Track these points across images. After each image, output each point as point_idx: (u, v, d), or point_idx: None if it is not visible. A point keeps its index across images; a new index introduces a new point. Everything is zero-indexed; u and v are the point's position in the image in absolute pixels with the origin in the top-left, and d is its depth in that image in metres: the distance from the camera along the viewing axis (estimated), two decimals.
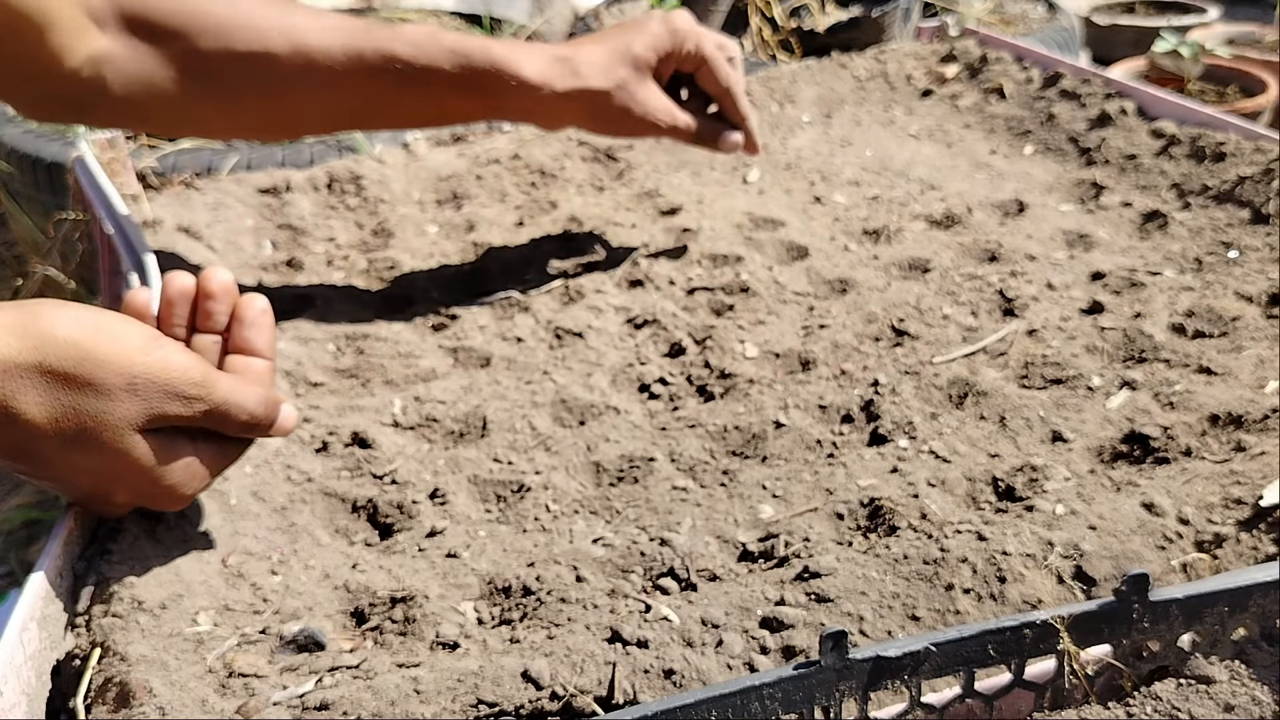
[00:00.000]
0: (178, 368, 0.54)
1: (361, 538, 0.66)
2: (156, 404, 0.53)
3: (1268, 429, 0.64)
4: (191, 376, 0.54)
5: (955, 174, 1.07)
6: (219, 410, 0.56)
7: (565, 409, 0.75)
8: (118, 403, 0.52)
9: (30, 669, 0.51)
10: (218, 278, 0.62)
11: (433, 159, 1.16)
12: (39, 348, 0.50)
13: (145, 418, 0.53)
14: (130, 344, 0.53)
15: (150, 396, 0.53)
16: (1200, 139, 1.00)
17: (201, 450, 0.57)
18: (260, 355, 0.62)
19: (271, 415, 0.59)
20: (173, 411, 0.54)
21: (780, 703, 0.41)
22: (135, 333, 0.54)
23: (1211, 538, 0.56)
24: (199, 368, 0.55)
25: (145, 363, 0.53)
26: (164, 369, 0.53)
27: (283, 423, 0.60)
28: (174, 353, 0.55)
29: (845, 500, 0.62)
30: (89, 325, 0.52)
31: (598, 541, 0.62)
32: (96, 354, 0.52)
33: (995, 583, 0.54)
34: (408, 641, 0.56)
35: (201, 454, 0.57)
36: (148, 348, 0.54)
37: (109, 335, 0.53)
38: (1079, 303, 0.82)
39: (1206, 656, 0.46)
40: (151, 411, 0.53)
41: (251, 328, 0.62)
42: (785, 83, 1.27)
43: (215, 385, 0.56)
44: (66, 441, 0.52)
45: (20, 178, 1.67)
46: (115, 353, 0.52)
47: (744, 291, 0.87)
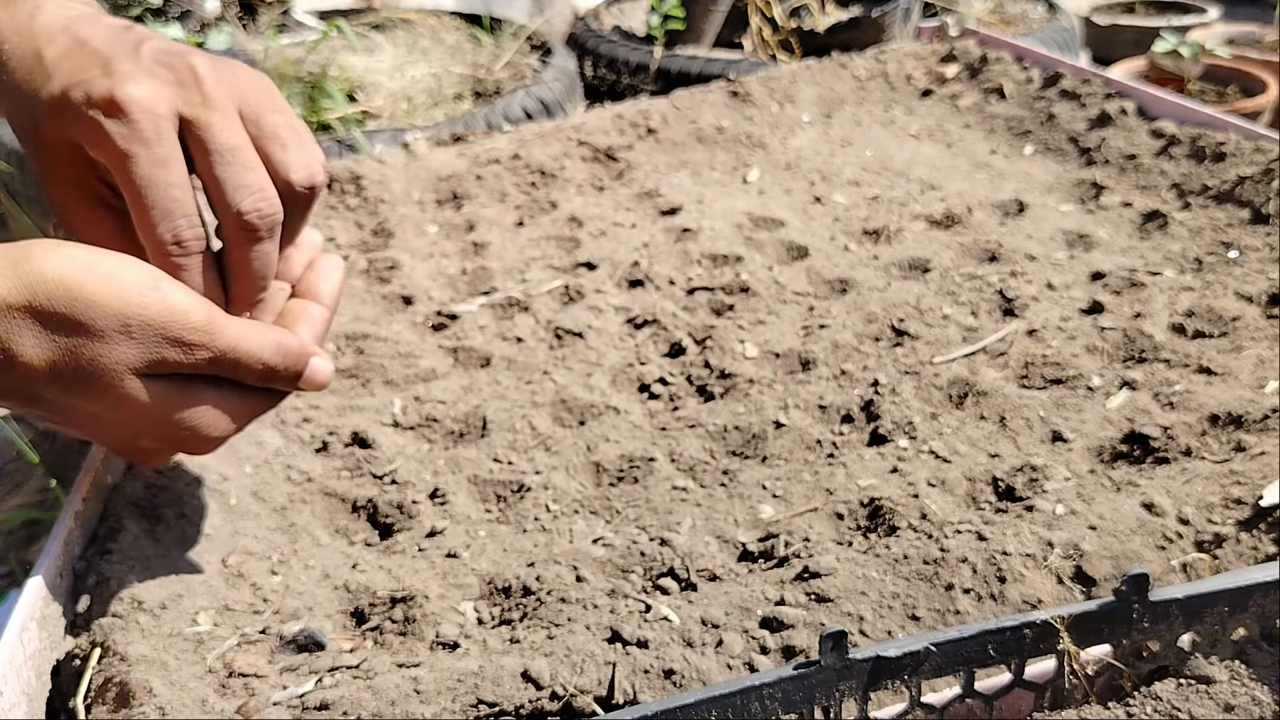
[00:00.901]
0: (177, 310, 0.50)
1: (361, 538, 0.66)
2: (154, 348, 0.50)
3: (1268, 429, 0.64)
4: (192, 320, 0.50)
5: (955, 174, 1.07)
6: (226, 357, 0.52)
7: (565, 409, 0.75)
8: (113, 345, 0.49)
9: (30, 669, 0.51)
10: (307, 234, 0.61)
11: (433, 159, 1.16)
12: (30, 286, 0.47)
13: (144, 362, 0.50)
14: (126, 284, 0.49)
15: (147, 340, 0.49)
16: (1200, 139, 1.00)
17: (224, 397, 0.53)
18: (320, 301, 0.59)
19: (294, 366, 0.54)
20: (172, 357, 0.50)
21: (780, 703, 0.41)
22: (134, 272, 0.50)
23: (1211, 538, 0.56)
24: (201, 311, 0.51)
25: (140, 303, 0.49)
26: (160, 311, 0.49)
27: (312, 375, 0.55)
28: (174, 293, 0.50)
29: (845, 500, 0.62)
30: (81, 264, 0.49)
31: (598, 541, 0.62)
32: (87, 293, 0.48)
33: (995, 583, 0.54)
34: (408, 641, 0.56)
35: (225, 400, 0.53)
36: (144, 288, 0.50)
37: (102, 274, 0.49)
38: (1079, 303, 0.82)
39: (1206, 656, 0.46)
40: (150, 355, 0.50)
41: (320, 275, 0.60)
42: (785, 83, 1.27)
43: (221, 331, 0.51)
44: (67, 386, 0.49)
45: (20, 178, 1.67)
46: (108, 292, 0.49)
47: (744, 291, 0.87)
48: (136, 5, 1.62)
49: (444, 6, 2.12)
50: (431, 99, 1.70)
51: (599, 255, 0.95)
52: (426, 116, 1.57)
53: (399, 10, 1.99)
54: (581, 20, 2.16)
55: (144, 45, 0.55)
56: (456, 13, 2.01)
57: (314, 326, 0.58)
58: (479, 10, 1.97)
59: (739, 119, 1.20)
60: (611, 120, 1.20)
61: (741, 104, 1.22)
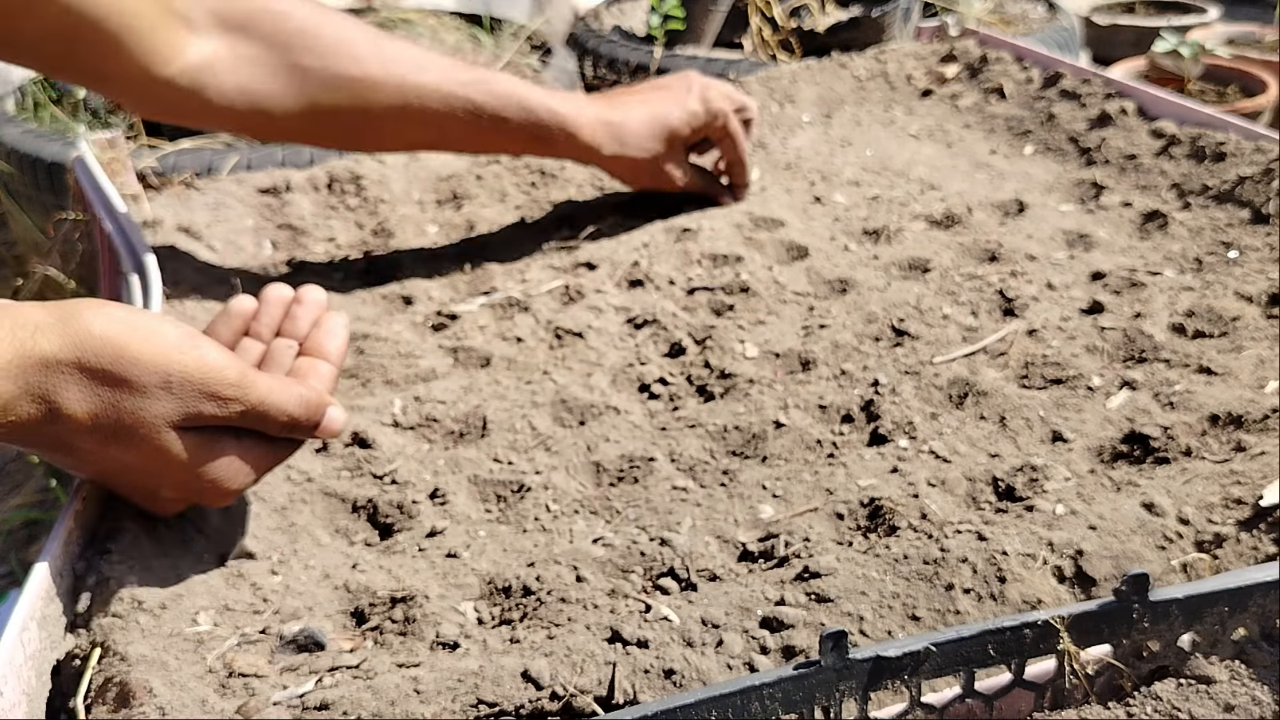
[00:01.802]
0: (214, 367, 0.54)
1: (361, 538, 0.66)
2: (192, 402, 0.54)
3: (1268, 429, 0.64)
4: (227, 377, 0.55)
5: (955, 174, 1.07)
6: (256, 410, 0.56)
7: (565, 409, 0.75)
8: (154, 400, 0.53)
9: (30, 669, 0.51)
10: (312, 292, 0.67)
11: (433, 159, 1.16)
12: (77, 345, 0.51)
13: (181, 415, 0.54)
14: (167, 342, 0.54)
15: (186, 395, 0.54)
16: (1200, 139, 1.00)
17: (247, 449, 0.57)
18: (327, 359, 0.64)
19: (314, 417, 0.59)
20: (209, 411, 0.55)
21: (780, 703, 0.41)
22: (172, 331, 0.55)
23: (1211, 538, 0.56)
24: (235, 368, 0.55)
25: (181, 361, 0.53)
26: (199, 368, 0.54)
27: (328, 424, 0.60)
28: (211, 352, 0.55)
29: (845, 500, 0.62)
30: (125, 323, 0.53)
31: (598, 541, 0.62)
32: (132, 351, 0.52)
33: (995, 583, 0.54)
34: (408, 641, 0.56)
35: (246, 453, 0.57)
36: (184, 346, 0.54)
37: (145, 333, 0.53)
38: (1079, 303, 0.82)
39: (1206, 656, 0.46)
40: (188, 410, 0.54)
41: (327, 334, 0.65)
42: (785, 83, 1.27)
43: (252, 386, 0.56)
44: (106, 437, 0.53)
45: (20, 178, 1.67)
46: (151, 351, 0.53)
47: (744, 291, 0.87)
48: None
49: (444, 6, 2.12)
50: None
51: (599, 255, 0.95)
52: None
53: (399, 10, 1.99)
54: (581, 20, 2.16)
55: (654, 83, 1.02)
56: (456, 13, 2.01)
57: (323, 383, 0.62)
58: (479, 10, 1.97)
59: None
60: None
61: None
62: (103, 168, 1.00)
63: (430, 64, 0.87)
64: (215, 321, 0.66)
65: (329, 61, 0.83)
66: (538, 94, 0.91)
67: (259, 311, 0.66)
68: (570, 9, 2.43)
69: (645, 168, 0.97)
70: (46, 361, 0.51)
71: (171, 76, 0.79)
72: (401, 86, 0.85)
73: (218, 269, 0.93)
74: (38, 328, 0.51)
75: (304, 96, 0.83)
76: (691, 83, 0.98)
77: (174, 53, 0.79)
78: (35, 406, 0.51)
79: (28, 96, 1.90)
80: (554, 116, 0.90)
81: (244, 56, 0.82)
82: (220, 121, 0.87)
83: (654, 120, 0.95)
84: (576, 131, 0.92)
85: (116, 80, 0.80)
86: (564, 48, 1.89)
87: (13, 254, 2.12)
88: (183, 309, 0.85)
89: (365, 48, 0.85)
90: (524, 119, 0.89)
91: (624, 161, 0.96)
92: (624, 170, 0.98)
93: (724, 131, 0.99)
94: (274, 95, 0.83)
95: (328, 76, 0.84)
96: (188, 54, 0.80)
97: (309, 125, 0.86)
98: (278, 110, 0.84)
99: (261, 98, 0.82)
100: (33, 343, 0.50)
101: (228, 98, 0.82)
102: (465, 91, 0.87)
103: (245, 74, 0.82)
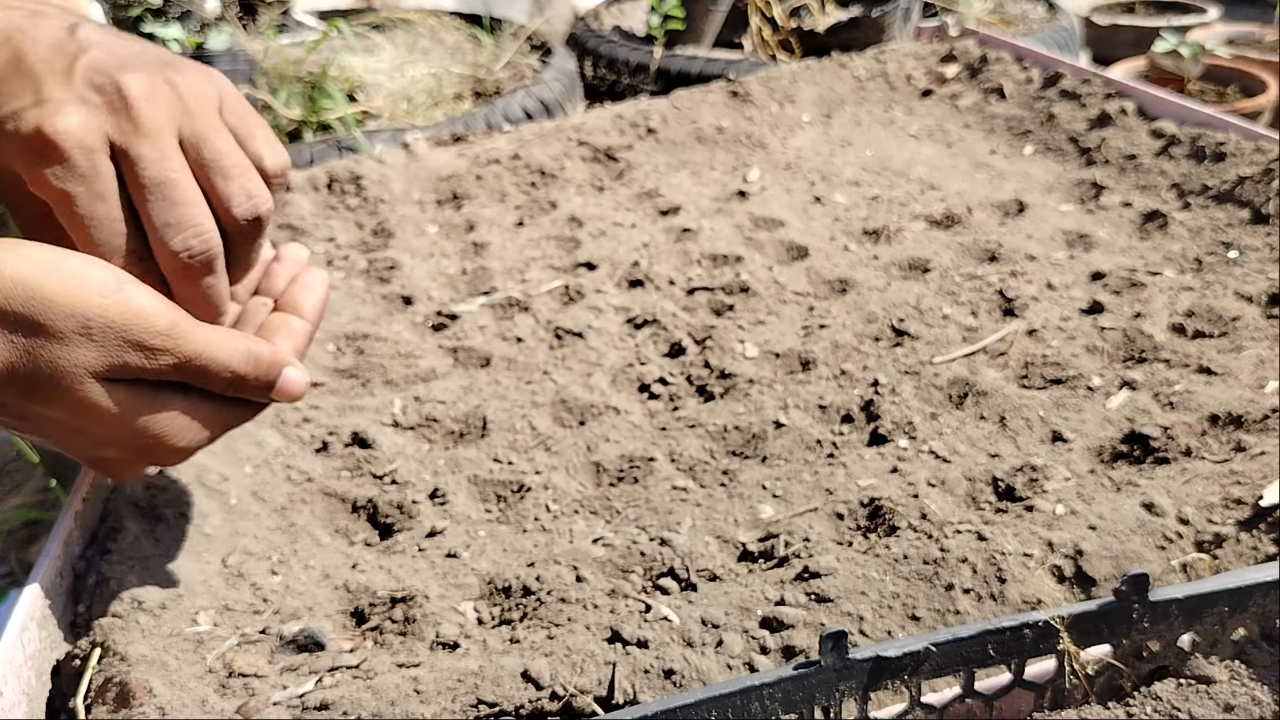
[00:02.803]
0: (139, 313, 0.48)
1: (361, 538, 0.66)
2: (116, 352, 0.47)
3: (1268, 429, 0.64)
4: (154, 324, 0.48)
5: (955, 174, 1.07)
6: (192, 364, 0.49)
7: (565, 409, 0.75)
8: (72, 347, 0.47)
9: (30, 669, 0.51)
10: (292, 250, 0.61)
11: (433, 159, 1.16)
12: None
13: (104, 365, 0.47)
14: (87, 285, 0.47)
15: (108, 343, 0.47)
16: (1200, 139, 1.00)
17: (194, 405, 0.51)
18: (301, 315, 0.57)
19: (265, 375, 0.52)
20: (134, 361, 0.48)
21: (780, 703, 0.41)
22: (96, 273, 0.48)
23: (1211, 538, 0.56)
24: (166, 315, 0.49)
25: (101, 305, 0.47)
26: (122, 313, 0.47)
27: (284, 385, 0.53)
28: (138, 296, 0.48)
29: (845, 500, 0.62)
30: (40, 262, 0.47)
31: (598, 541, 0.62)
32: (45, 292, 0.46)
33: (995, 583, 0.54)
34: (408, 641, 0.56)
35: (194, 408, 0.51)
36: (106, 290, 0.47)
37: (63, 274, 0.47)
38: (1079, 303, 0.82)
39: (1206, 656, 0.46)
40: (111, 359, 0.47)
41: (303, 289, 0.58)
42: (785, 83, 1.27)
43: (186, 336, 0.49)
44: (25, 389, 0.47)
45: None
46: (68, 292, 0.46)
47: (744, 291, 0.87)
48: (137, 5, 1.62)
49: (444, 6, 2.12)
50: (431, 99, 1.70)
51: (599, 255, 0.95)
52: (426, 116, 1.57)
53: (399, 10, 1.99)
54: (581, 20, 2.16)
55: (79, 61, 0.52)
56: (456, 13, 2.01)
57: (294, 339, 0.56)
58: (479, 10, 1.97)
59: (739, 119, 1.20)
60: (611, 120, 1.20)
61: (741, 104, 1.22)
62: None
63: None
64: None
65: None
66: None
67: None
68: (570, 9, 2.43)
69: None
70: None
71: None
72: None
73: None
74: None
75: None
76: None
77: None
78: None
79: None
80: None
81: None
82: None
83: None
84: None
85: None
86: (564, 48, 1.89)
87: None
88: None
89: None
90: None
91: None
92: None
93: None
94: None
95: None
96: None
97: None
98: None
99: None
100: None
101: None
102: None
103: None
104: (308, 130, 1.67)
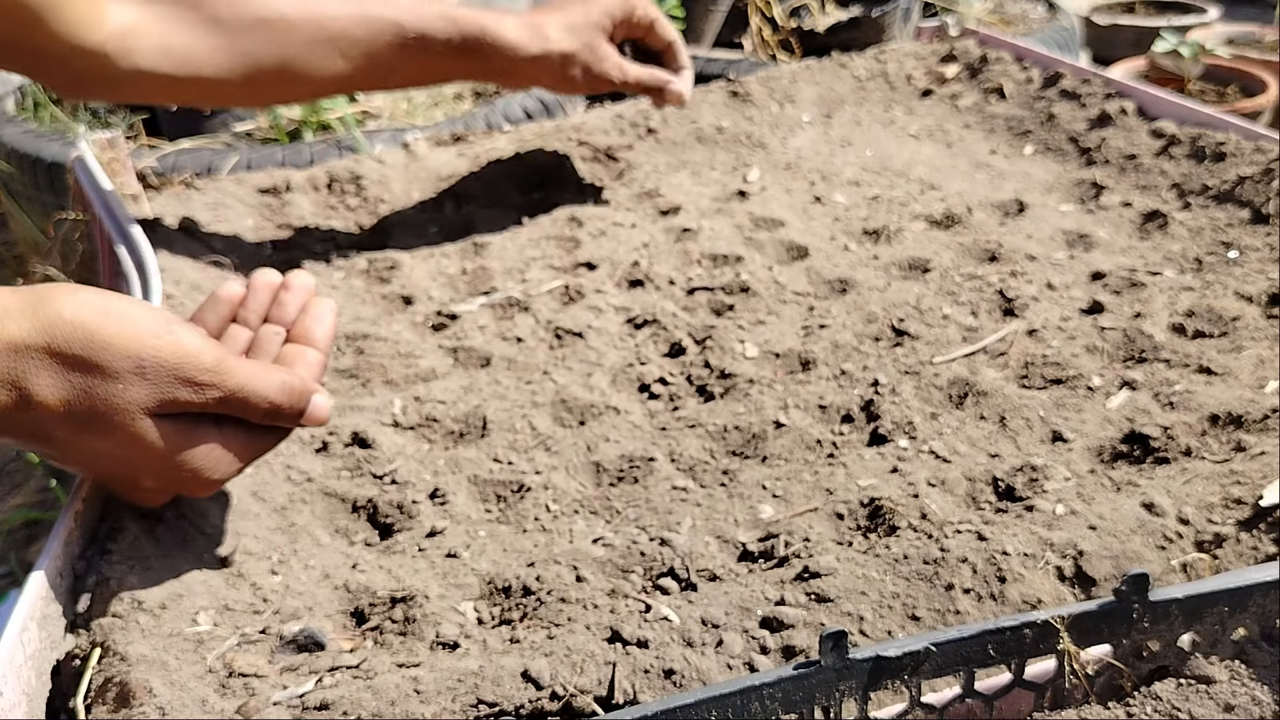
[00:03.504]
0: (189, 352, 0.53)
1: (361, 538, 0.66)
2: (167, 388, 0.52)
3: (1268, 429, 0.64)
4: (202, 362, 0.53)
5: (955, 174, 1.07)
6: (235, 397, 0.55)
7: (565, 409, 0.75)
8: (127, 386, 0.52)
9: (30, 669, 0.51)
10: (300, 278, 0.65)
11: (433, 159, 1.16)
12: (47, 330, 0.50)
13: (156, 402, 0.52)
14: (140, 327, 0.52)
15: (160, 380, 0.52)
16: (1200, 139, 1.00)
17: (228, 437, 0.56)
18: (315, 346, 0.62)
19: (297, 404, 0.57)
20: (184, 397, 0.53)
21: (780, 703, 0.41)
22: (146, 316, 0.53)
23: (1211, 538, 0.56)
24: (212, 353, 0.54)
25: (155, 346, 0.52)
26: (173, 352, 0.52)
27: (314, 412, 0.58)
28: (186, 336, 0.54)
29: (845, 500, 0.62)
30: (97, 307, 0.52)
31: (598, 541, 0.62)
32: (103, 336, 0.51)
33: (995, 583, 0.54)
34: (408, 641, 0.56)
35: (228, 441, 0.56)
36: (158, 330, 0.53)
37: (117, 317, 0.52)
38: (1079, 303, 0.82)
39: (1206, 656, 0.46)
40: (163, 396, 0.52)
41: (315, 320, 0.63)
42: (785, 83, 1.27)
43: (230, 371, 0.54)
44: (80, 425, 0.52)
45: (20, 178, 1.67)
46: (123, 335, 0.52)
47: (744, 291, 0.87)
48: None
49: None
50: (431, 99, 1.70)
51: (599, 255, 0.95)
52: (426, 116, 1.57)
53: None
54: None
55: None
56: None
57: (310, 370, 0.61)
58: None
59: (739, 119, 1.20)
60: (611, 120, 1.20)
61: (741, 104, 1.22)
62: (103, 168, 1.00)
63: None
64: (202, 308, 0.65)
65: (240, 8, 0.83)
66: (464, 9, 0.91)
67: (246, 298, 0.65)
68: None
69: (577, 62, 0.94)
70: (15, 347, 0.50)
71: (98, 44, 0.78)
72: (319, 20, 0.85)
73: (218, 269, 0.93)
74: (6, 312, 0.50)
75: (226, 50, 0.83)
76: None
77: (97, 20, 0.78)
78: (6, 393, 0.50)
79: (28, 96, 1.90)
80: (477, 24, 0.90)
81: (162, 16, 0.81)
82: (154, 89, 0.85)
83: (574, 16, 0.95)
84: (499, 34, 0.90)
85: (47, 56, 0.78)
86: None
87: (13, 254, 2.12)
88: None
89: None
90: (450, 32, 0.89)
91: (552, 59, 0.93)
92: (555, 69, 0.95)
93: (646, 20, 0.98)
94: (197, 52, 0.82)
95: (245, 22, 0.83)
96: (110, 20, 0.79)
97: (241, 82, 0.85)
98: (207, 67, 0.83)
99: (186, 55, 0.82)
100: (1, 328, 0.49)
101: (153, 60, 0.81)
102: (387, 12, 0.87)
103: (166, 32, 0.81)
104: (308, 130, 1.67)
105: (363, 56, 0.87)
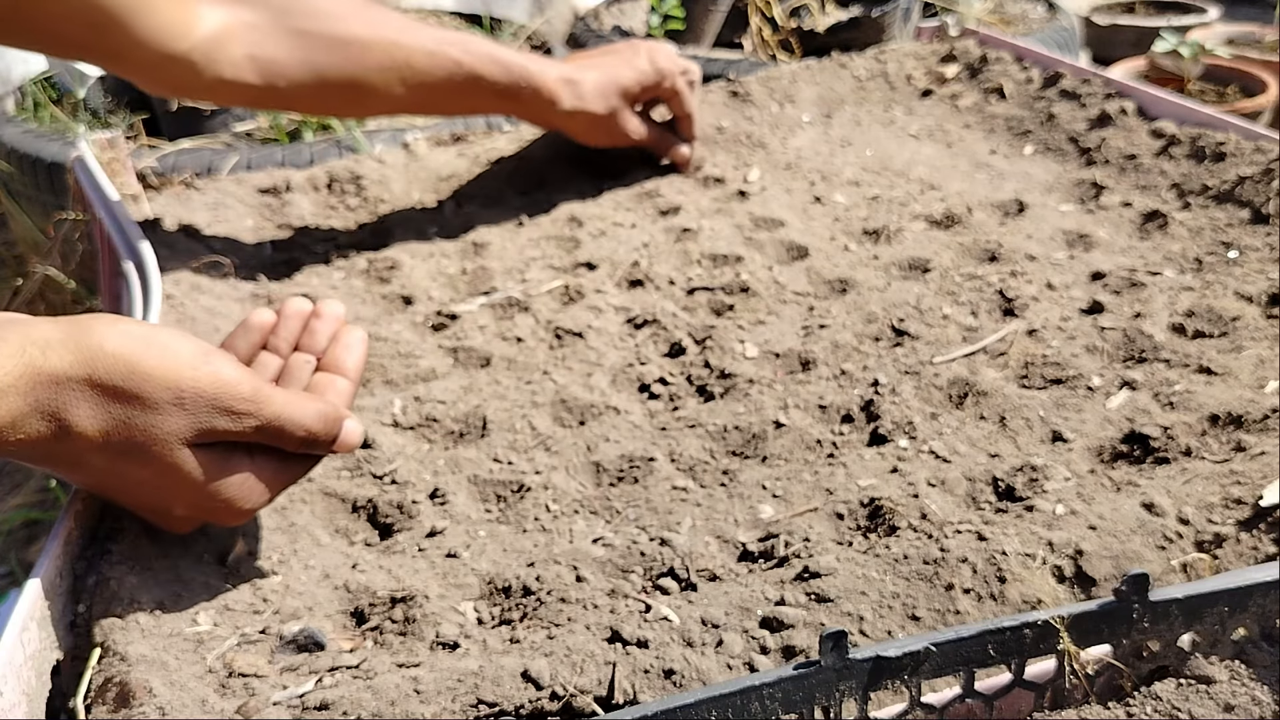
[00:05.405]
0: (227, 382, 0.54)
1: (361, 538, 0.66)
2: (205, 418, 0.53)
3: (1268, 429, 0.64)
4: (240, 391, 0.54)
5: (955, 174, 1.07)
6: (272, 426, 0.55)
7: (565, 409, 0.75)
8: (166, 416, 0.52)
9: (30, 669, 0.51)
10: (331, 306, 0.67)
11: (433, 159, 1.16)
12: (89, 361, 0.51)
13: (194, 432, 0.53)
14: (179, 358, 0.53)
15: (199, 411, 0.53)
16: (1200, 139, 1.00)
17: (260, 466, 0.56)
18: (345, 375, 0.63)
19: (331, 431, 0.58)
20: (222, 426, 0.54)
21: (780, 703, 0.41)
22: (185, 347, 0.54)
23: (1211, 538, 0.56)
24: (249, 383, 0.55)
25: (194, 377, 0.53)
26: (212, 383, 0.53)
27: (346, 438, 0.59)
28: (224, 367, 0.54)
29: (845, 500, 0.62)
30: (138, 339, 0.53)
31: (598, 541, 0.62)
32: (144, 367, 0.52)
33: (995, 583, 0.54)
34: (408, 641, 0.56)
35: (260, 470, 0.56)
36: (196, 362, 0.53)
37: (158, 349, 0.53)
38: (1079, 303, 0.82)
39: (1206, 656, 0.46)
40: (200, 426, 0.53)
41: (345, 349, 0.64)
42: (785, 83, 1.27)
43: (267, 401, 0.55)
44: (118, 454, 0.52)
45: (20, 178, 1.67)
46: (164, 367, 0.52)
47: (744, 291, 0.87)
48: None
49: (444, 6, 2.12)
50: None
51: (599, 255, 0.95)
52: None
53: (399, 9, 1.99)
54: (581, 20, 2.16)
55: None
56: (456, 13, 2.01)
57: (340, 399, 0.61)
58: (479, 10, 1.97)
59: (739, 119, 1.20)
60: None
61: (741, 104, 1.22)
62: (103, 168, 1.00)
63: (411, 26, 0.93)
64: (233, 335, 0.65)
65: (324, 24, 0.87)
66: (510, 52, 0.97)
67: (277, 325, 0.65)
68: (570, 9, 2.43)
69: (602, 122, 1.03)
70: (57, 378, 0.50)
71: (186, 51, 0.81)
72: (391, 47, 0.90)
73: (218, 269, 0.93)
74: (48, 344, 0.50)
75: (306, 63, 0.87)
76: (639, 47, 1.05)
77: (187, 27, 0.81)
78: (46, 424, 0.50)
79: (28, 96, 1.90)
80: (524, 71, 0.96)
81: (250, 24, 0.85)
82: (234, 95, 0.89)
83: (608, 78, 1.02)
84: (541, 86, 0.97)
85: (132, 59, 0.81)
86: (564, 48, 1.89)
87: (13, 254, 2.12)
88: (183, 309, 0.85)
89: (354, 9, 0.90)
90: (498, 75, 0.95)
91: (582, 116, 1.02)
92: (582, 125, 1.03)
93: (671, 90, 1.06)
94: (279, 61, 0.86)
95: (326, 40, 0.87)
96: (200, 27, 0.82)
97: (313, 93, 0.89)
98: (284, 78, 0.86)
99: (268, 65, 0.85)
100: (43, 359, 0.50)
101: (239, 68, 0.84)
102: (446, 50, 0.93)
103: (253, 41, 0.85)
104: (308, 130, 1.67)
105: (420, 86, 0.93)
